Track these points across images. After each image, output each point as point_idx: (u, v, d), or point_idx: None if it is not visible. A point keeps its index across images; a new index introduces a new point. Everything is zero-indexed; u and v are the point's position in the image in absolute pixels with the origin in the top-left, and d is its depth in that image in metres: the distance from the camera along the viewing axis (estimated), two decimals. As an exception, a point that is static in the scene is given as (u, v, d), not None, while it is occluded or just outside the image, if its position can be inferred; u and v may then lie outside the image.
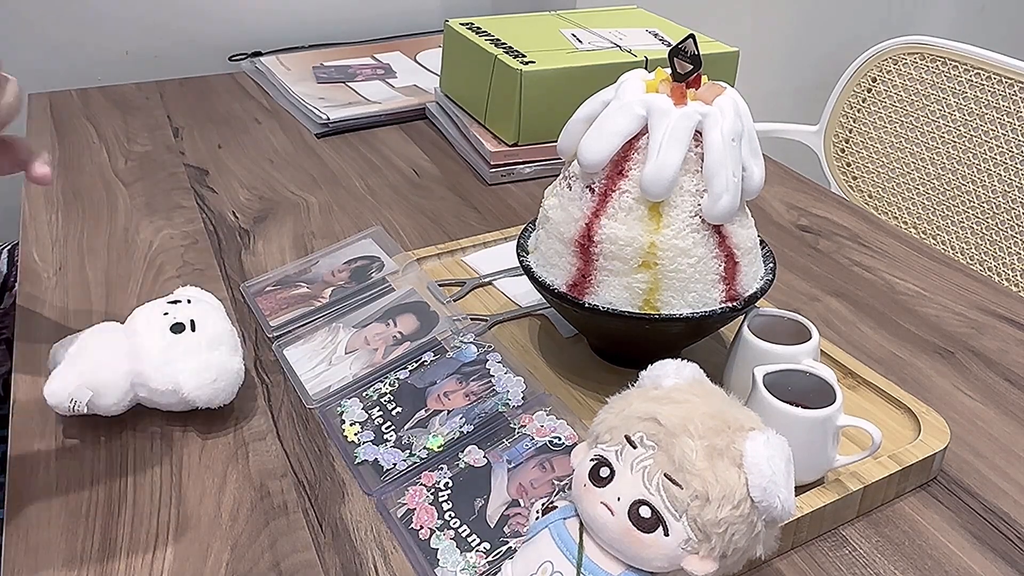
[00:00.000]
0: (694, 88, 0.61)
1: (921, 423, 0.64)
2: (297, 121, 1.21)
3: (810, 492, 0.57)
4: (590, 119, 0.63)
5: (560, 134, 0.66)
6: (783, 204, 1.03)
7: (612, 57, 1.05)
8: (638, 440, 0.44)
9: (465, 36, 1.11)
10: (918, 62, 1.34)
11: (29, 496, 0.58)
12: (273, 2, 1.46)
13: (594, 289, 0.63)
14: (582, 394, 0.68)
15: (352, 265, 0.82)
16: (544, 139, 1.05)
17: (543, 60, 1.02)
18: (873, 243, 0.95)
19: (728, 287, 0.63)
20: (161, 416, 0.65)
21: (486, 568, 0.52)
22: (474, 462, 0.59)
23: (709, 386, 0.49)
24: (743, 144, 0.62)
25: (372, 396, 0.66)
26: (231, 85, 1.35)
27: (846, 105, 1.42)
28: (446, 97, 1.18)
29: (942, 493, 0.62)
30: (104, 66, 1.39)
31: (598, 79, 0.71)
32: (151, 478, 0.60)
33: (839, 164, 1.44)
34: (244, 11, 1.44)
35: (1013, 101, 1.22)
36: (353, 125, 1.19)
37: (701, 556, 0.43)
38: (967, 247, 1.29)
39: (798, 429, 0.54)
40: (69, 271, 0.84)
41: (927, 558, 0.56)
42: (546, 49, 1.06)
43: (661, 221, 0.60)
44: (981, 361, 0.76)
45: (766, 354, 0.61)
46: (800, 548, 0.57)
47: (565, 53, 1.06)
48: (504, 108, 1.04)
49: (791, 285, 0.86)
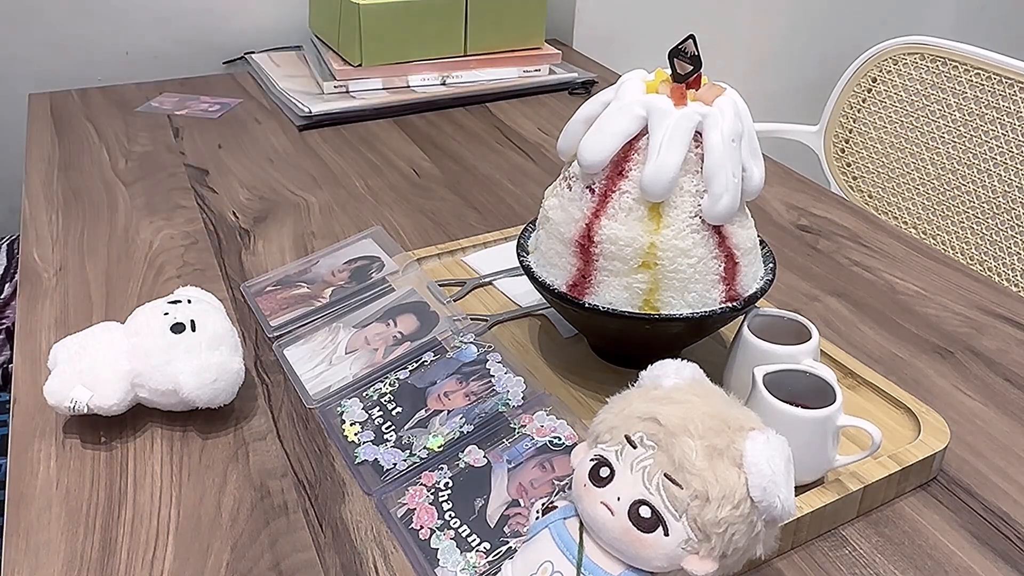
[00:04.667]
0: (694, 89, 0.61)
1: (921, 423, 0.64)
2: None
3: (810, 492, 0.57)
4: (590, 120, 0.63)
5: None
6: (783, 204, 1.03)
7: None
8: (638, 440, 0.44)
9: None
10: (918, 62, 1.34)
11: (29, 496, 0.58)
12: (274, 2, 1.46)
13: (594, 289, 0.63)
14: (582, 394, 0.68)
15: (352, 265, 0.82)
16: (383, 61, 1.28)
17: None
18: (873, 243, 0.95)
19: (728, 287, 0.63)
20: (161, 416, 0.65)
21: (486, 568, 0.52)
22: (474, 462, 0.59)
23: (709, 386, 0.49)
24: (743, 145, 0.62)
25: (372, 396, 0.66)
26: (231, 85, 1.35)
27: (846, 105, 1.42)
28: (313, 34, 1.42)
29: (942, 493, 0.62)
30: (104, 66, 1.39)
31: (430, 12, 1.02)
32: (151, 478, 0.60)
33: (839, 164, 1.44)
34: (244, 11, 1.44)
35: (1013, 101, 1.22)
36: (336, 119, 1.21)
37: (701, 556, 0.43)
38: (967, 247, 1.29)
39: (798, 429, 0.54)
40: (69, 271, 0.84)
41: (927, 558, 0.56)
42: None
43: (661, 221, 0.60)
44: (981, 361, 0.76)
45: (766, 354, 0.61)
46: (800, 548, 0.57)
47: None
48: (349, 36, 1.27)
49: (791, 285, 0.86)
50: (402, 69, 1.28)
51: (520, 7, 1.33)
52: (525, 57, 1.35)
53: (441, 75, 1.31)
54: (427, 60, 1.30)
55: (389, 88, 1.28)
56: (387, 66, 1.27)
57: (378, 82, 1.27)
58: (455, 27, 1.29)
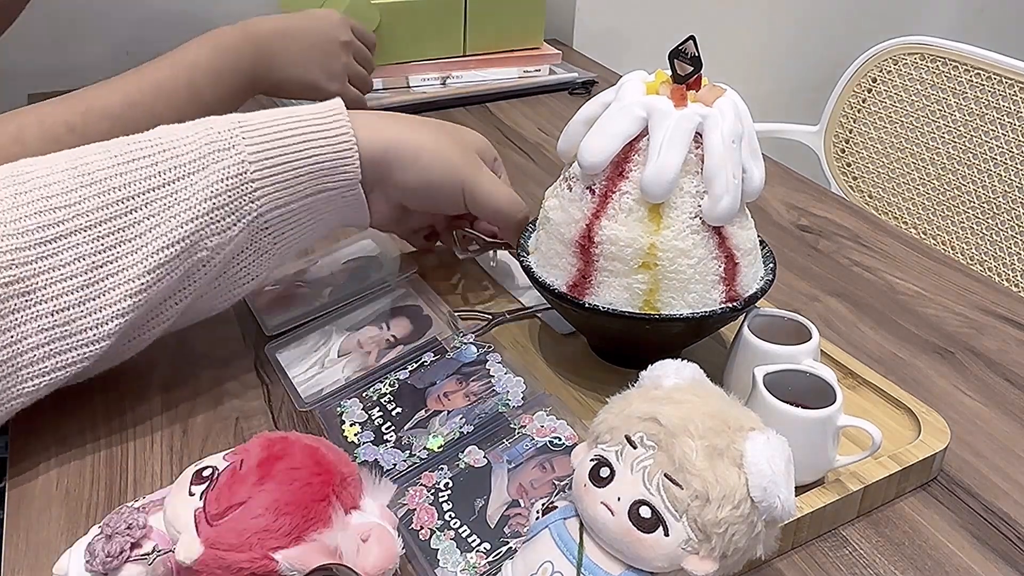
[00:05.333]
0: (694, 90, 0.61)
1: (921, 423, 0.64)
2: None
3: (810, 492, 0.57)
4: (590, 121, 0.63)
5: (562, 139, 0.66)
6: (783, 204, 1.03)
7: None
8: (638, 440, 0.44)
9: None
10: (918, 62, 1.34)
11: (29, 496, 0.58)
12: (274, 3, 1.46)
13: (594, 290, 0.63)
14: (582, 394, 0.68)
15: (351, 265, 0.82)
16: (382, 61, 1.23)
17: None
18: (873, 243, 0.95)
19: (728, 288, 0.63)
20: (161, 416, 0.65)
21: (486, 568, 0.52)
22: (474, 462, 0.59)
23: (709, 386, 0.49)
24: (743, 146, 0.62)
25: (372, 396, 0.66)
26: (231, 85, 1.35)
27: (846, 105, 1.42)
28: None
29: (942, 493, 0.62)
30: (105, 66, 1.39)
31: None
32: (151, 478, 0.60)
33: (839, 164, 1.44)
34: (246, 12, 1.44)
35: (1013, 101, 1.22)
36: None
37: (701, 556, 0.43)
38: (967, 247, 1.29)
39: (798, 429, 0.54)
40: (69, 271, 0.84)
41: (927, 558, 0.56)
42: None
43: (661, 222, 0.61)
44: (981, 361, 0.76)
45: (766, 354, 0.61)
46: (800, 548, 0.57)
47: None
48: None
49: (791, 285, 0.86)
50: (402, 69, 1.28)
51: (518, 7, 1.33)
52: (525, 57, 1.35)
53: (441, 75, 1.31)
54: (427, 60, 1.30)
55: (389, 88, 1.28)
56: (387, 66, 1.27)
57: (378, 82, 1.27)
58: (454, 27, 1.29)
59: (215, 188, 0.60)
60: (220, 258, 0.62)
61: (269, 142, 0.62)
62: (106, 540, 0.48)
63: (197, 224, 0.60)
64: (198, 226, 0.60)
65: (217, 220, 0.60)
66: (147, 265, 0.58)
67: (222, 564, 0.44)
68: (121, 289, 0.58)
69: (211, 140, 0.61)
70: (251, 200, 0.62)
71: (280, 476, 0.46)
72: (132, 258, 0.58)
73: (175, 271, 0.60)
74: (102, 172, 0.58)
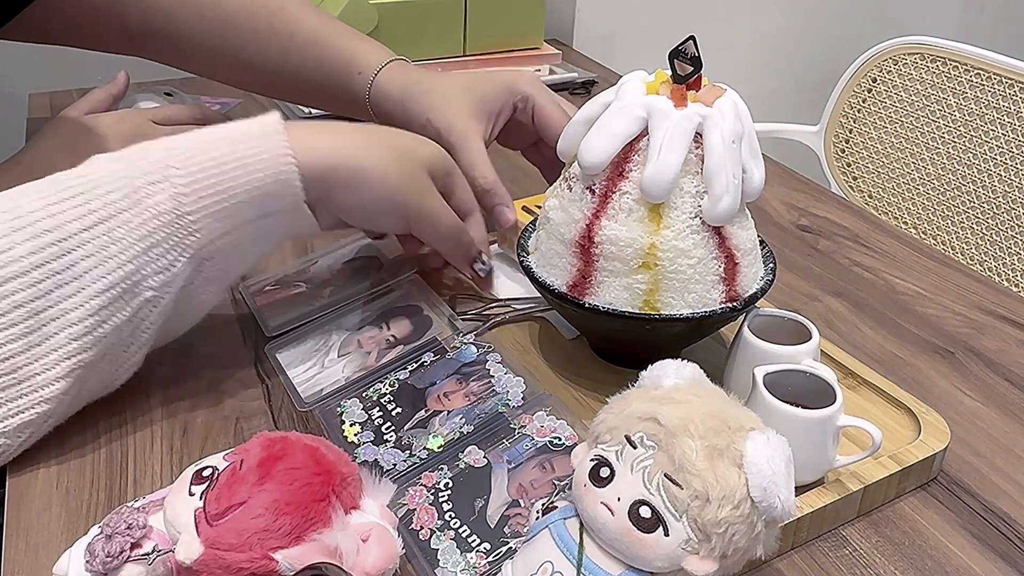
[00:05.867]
0: (694, 90, 0.61)
1: (921, 423, 0.64)
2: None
3: (810, 492, 0.57)
4: (590, 121, 0.63)
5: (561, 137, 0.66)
6: (783, 204, 1.03)
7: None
8: (638, 440, 0.44)
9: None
10: (918, 62, 1.34)
11: (29, 496, 0.58)
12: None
13: (594, 290, 0.63)
14: (582, 394, 0.68)
15: (351, 265, 0.82)
16: None
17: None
18: (873, 243, 0.95)
19: (728, 288, 0.63)
20: (161, 416, 0.65)
21: (486, 568, 0.52)
22: (474, 462, 0.59)
23: (709, 386, 0.49)
24: (743, 146, 0.62)
25: (372, 396, 0.66)
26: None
27: (846, 105, 1.42)
28: None
29: (942, 493, 0.62)
30: (105, 66, 1.39)
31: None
32: (151, 478, 0.60)
33: (839, 164, 1.44)
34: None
35: (1013, 101, 1.23)
36: (337, 119, 1.20)
37: (701, 556, 0.43)
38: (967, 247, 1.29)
39: (798, 429, 0.54)
40: (69, 271, 0.84)
41: (927, 558, 0.56)
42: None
43: (661, 222, 0.61)
44: (981, 361, 0.76)
45: (766, 354, 0.61)
46: (800, 548, 0.57)
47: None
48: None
49: (791, 285, 0.86)
50: (402, 69, 1.28)
51: (518, 7, 1.33)
52: (525, 57, 1.35)
53: (441, 75, 1.31)
54: (427, 60, 1.30)
55: (389, 88, 1.28)
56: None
57: None
58: (454, 27, 1.29)
59: (149, 226, 0.58)
60: (170, 294, 0.60)
61: (203, 170, 0.59)
62: (106, 540, 0.48)
63: (137, 264, 0.57)
64: (138, 265, 0.58)
65: (156, 258, 0.58)
66: (89, 308, 0.56)
67: (222, 564, 0.44)
68: (65, 333, 0.56)
69: (142, 173, 0.58)
70: (189, 233, 0.59)
71: (280, 476, 0.46)
72: (73, 301, 0.56)
73: (121, 311, 0.58)
74: (34, 215, 0.56)
